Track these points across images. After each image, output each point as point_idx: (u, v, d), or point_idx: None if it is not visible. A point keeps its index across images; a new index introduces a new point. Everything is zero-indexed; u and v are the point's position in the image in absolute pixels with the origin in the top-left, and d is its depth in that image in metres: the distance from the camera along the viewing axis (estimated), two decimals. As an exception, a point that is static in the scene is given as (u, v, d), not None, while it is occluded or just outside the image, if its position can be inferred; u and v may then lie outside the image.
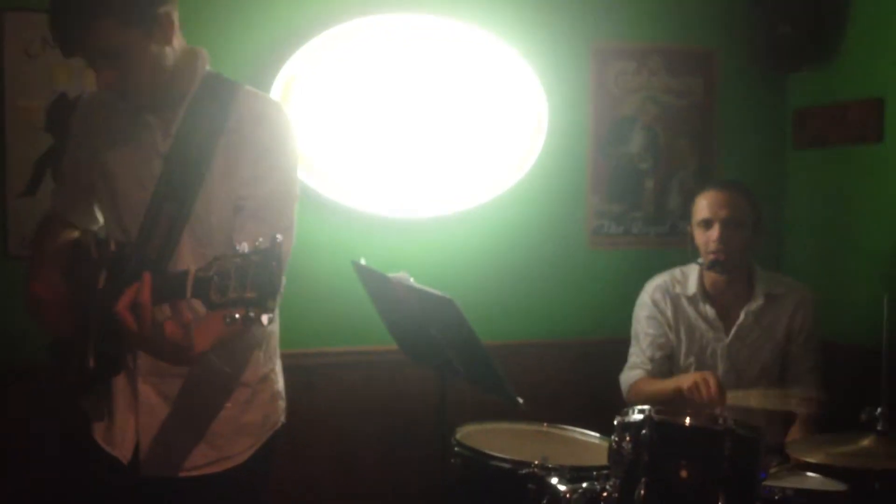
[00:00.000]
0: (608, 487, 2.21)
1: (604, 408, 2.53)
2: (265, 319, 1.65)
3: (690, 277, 3.14)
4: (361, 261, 2.73)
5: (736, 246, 3.01)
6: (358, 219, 3.32)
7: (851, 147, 3.45)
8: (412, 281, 2.53)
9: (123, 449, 2.13)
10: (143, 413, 2.12)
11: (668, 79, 3.69)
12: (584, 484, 2.30)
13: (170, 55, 2.03)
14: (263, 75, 3.16)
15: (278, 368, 2.31)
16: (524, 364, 3.37)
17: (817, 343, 3.10)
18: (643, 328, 3.15)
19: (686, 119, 3.72)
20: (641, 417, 2.17)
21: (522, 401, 2.41)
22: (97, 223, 2.27)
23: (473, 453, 2.58)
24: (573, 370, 3.54)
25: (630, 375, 3.14)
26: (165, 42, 2.00)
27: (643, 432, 2.15)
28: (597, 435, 2.78)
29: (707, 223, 3.04)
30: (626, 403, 2.91)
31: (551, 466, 2.41)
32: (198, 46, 2.15)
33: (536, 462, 2.42)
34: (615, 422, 2.23)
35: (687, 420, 2.18)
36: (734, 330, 3.07)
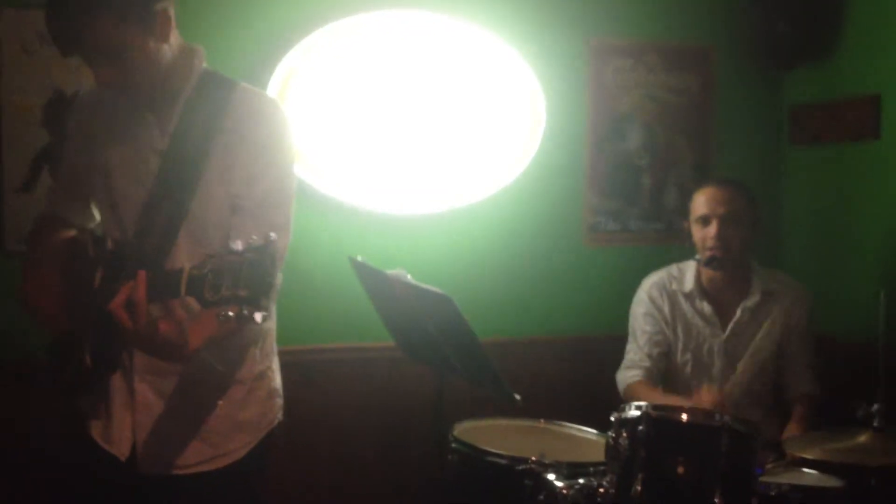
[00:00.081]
0: (605, 483, 2.21)
1: (601, 404, 2.53)
2: (259, 317, 1.65)
3: (687, 274, 3.15)
4: (359, 257, 2.73)
5: (733, 243, 3.02)
6: (356, 215, 3.32)
7: (848, 144, 3.46)
8: (409, 278, 2.53)
9: (121, 447, 2.13)
10: (140, 411, 2.12)
11: (666, 76, 3.68)
12: (581, 480, 2.30)
13: (167, 52, 2.03)
14: (261, 70, 3.15)
15: (275, 366, 2.31)
16: (521, 361, 3.37)
17: (813, 340, 3.11)
18: (640, 325, 3.16)
19: (683, 116, 3.71)
20: (638, 414, 2.18)
21: (519, 397, 2.42)
22: (93, 221, 2.26)
23: (470, 449, 2.58)
24: (570, 367, 3.54)
25: (627, 375, 3.14)
26: (163, 38, 2.00)
27: (640, 428, 2.15)
28: (594, 431, 2.78)
29: (705, 220, 3.04)
30: (623, 401, 2.91)
31: (548, 463, 2.40)
32: (195, 44, 2.14)
33: (533, 458, 2.42)
34: (612, 418, 2.23)
35: (684, 416, 2.20)
36: (731, 326, 3.08)
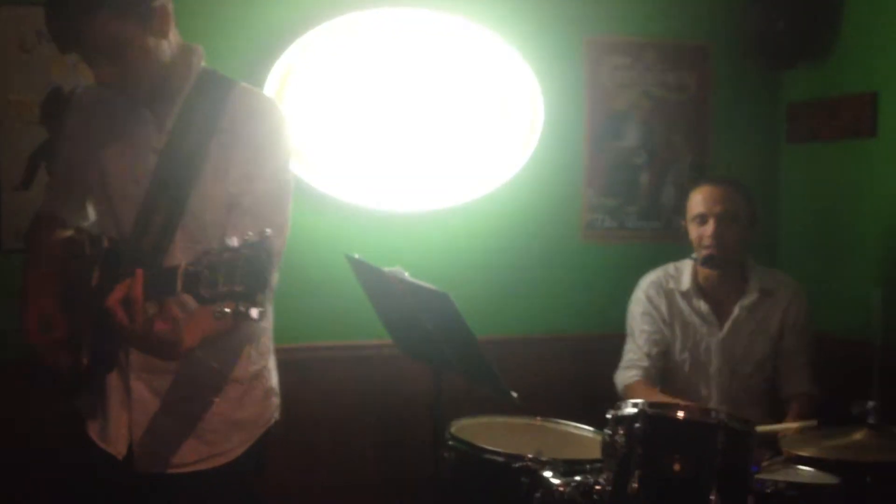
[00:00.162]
0: (601, 481, 2.21)
1: (597, 401, 2.53)
2: (254, 313, 1.64)
3: (684, 273, 3.15)
4: (356, 255, 2.73)
5: (730, 241, 3.02)
6: (353, 213, 3.32)
7: (845, 142, 3.46)
8: (407, 275, 2.53)
9: (118, 445, 2.13)
10: (136, 409, 2.12)
11: (664, 74, 3.68)
12: (578, 477, 2.30)
13: (167, 49, 2.02)
14: (259, 69, 3.15)
15: (272, 365, 2.30)
16: (518, 358, 3.37)
17: (810, 338, 3.11)
18: (638, 325, 3.16)
19: (680, 114, 3.72)
20: (635, 411, 2.18)
21: (516, 395, 2.42)
22: (88, 219, 2.26)
23: (467, 447, 2.58)
24: (567, 364, 3.55)
25: (626, 375, 3.13)
26: (162, 35, 2.00)
27: (636, 426, 2.15)
28: (590, 428, 2.78)
29: (702, 218, 3.04)
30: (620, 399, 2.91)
31: (545, 460, 2.41)
32: (194, 43, 2.14)
33: (530, 455, 2.42)
34: (608, 415, 2.23)
35: (680, 413, 2.20)
36: (728, 325, 3.08)
